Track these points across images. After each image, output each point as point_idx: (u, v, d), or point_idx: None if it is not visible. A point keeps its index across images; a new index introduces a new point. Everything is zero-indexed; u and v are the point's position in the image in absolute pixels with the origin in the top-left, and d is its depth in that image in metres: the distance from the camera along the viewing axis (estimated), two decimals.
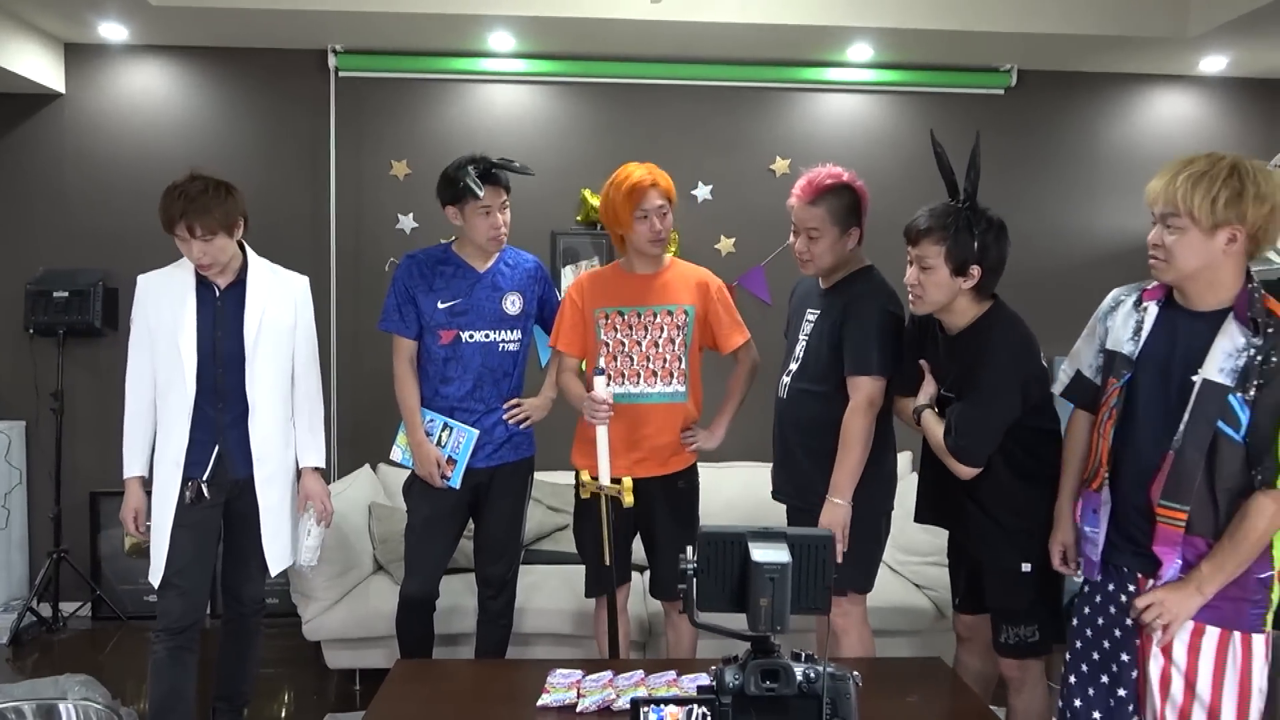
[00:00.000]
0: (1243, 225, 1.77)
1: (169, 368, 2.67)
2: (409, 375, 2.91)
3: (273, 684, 3.61)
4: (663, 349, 2.80)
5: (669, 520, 2.83)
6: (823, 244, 2.57)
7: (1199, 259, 1.81)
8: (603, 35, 4.14)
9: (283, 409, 2.79)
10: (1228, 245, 1.79)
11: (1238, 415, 1.77)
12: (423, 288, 2.87)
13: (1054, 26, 4.05)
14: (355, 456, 4.35)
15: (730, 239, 4.55)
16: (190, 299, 2.69)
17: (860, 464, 2.53)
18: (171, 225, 2.61)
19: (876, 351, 2.51)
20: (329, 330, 4.44)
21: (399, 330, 2.90)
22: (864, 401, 2.51)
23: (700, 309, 2.83)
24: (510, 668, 2.76)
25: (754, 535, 1.47)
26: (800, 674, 1.41)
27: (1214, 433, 1.79)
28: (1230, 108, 4.68)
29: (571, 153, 4.49)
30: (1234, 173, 1.78)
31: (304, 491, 2.83)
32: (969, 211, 2.29)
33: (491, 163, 2.81)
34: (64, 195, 4.39)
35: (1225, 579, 1.84)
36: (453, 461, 2.86)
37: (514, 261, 2.96)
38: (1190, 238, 1.80)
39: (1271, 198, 1.77)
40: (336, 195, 4.44)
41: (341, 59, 4.36)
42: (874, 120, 4.60)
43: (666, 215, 2.77)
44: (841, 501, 2.51)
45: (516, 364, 2.94)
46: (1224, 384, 1.78)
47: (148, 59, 4.39)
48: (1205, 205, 1.77)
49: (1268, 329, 1.77)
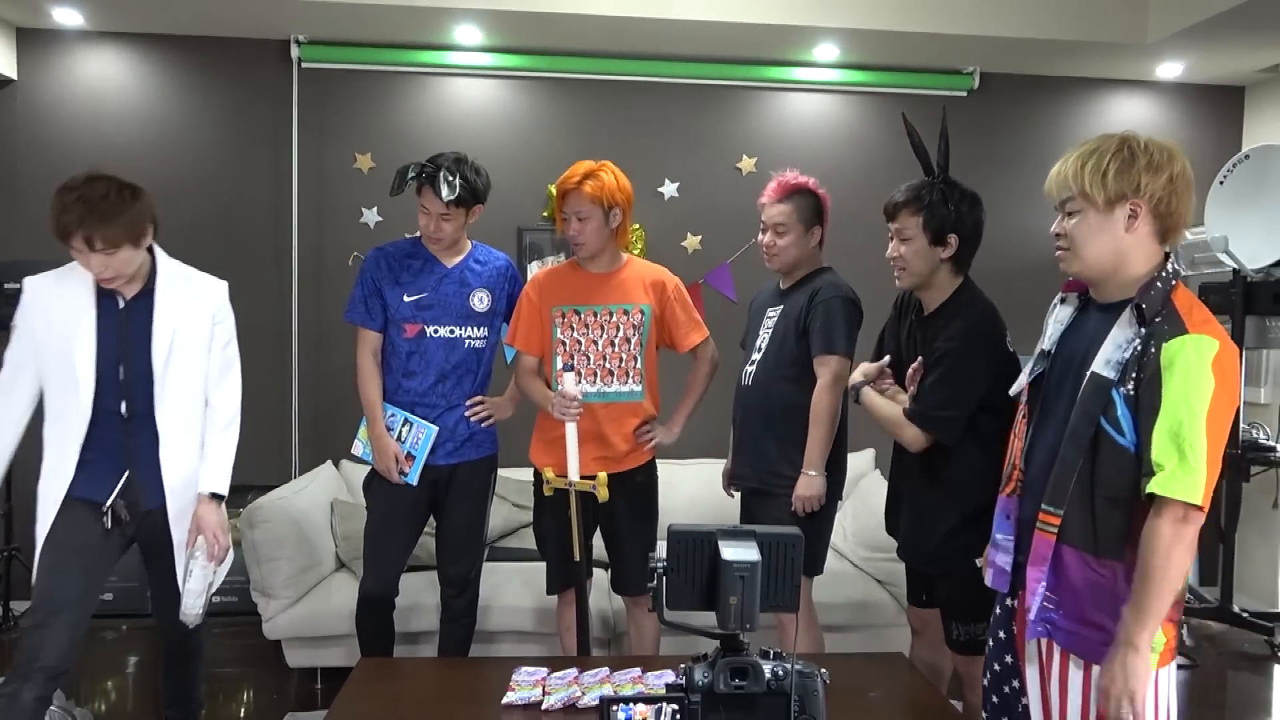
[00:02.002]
0: (1140, 198, 1.65)
1: (61, 388, 2.33)
2: (372, 368, 2.88)
3: (232, 683, 3.55)
4: (619, 348, 2.80)
5: (628, 515, 2.84)
6: (789, 238, 2.76)
7: (1102, 242, 1.68)
8: (570, 30, 4.13)
9: (201, 435, 2.49)
10: (1130, 224, 1.66)
11: (1118, 412, 1.62)
12: (389, 280, 2.84)
13: (1016, 30, 4.11)
14: (317, 453, 4.30)
15: (697, 236, 4.56)
16: (89, 313, 2.35)
17: (830, 438, 2.69)
18: (66, 236, 2.24)
19: (842, 333, 2.68)
20: (291, 326, 4.38)
21: (363, 322, 2.87)
22: (831, 379, 2.68)
23: (657, 308, 2.84)
24: (475, 666, 2.75)
25: (724, 534, 1.47)
26: (769, 671, 1.42)
27: (1096, 431, 1.64)
28: (1186, 112, 4.79)
29: (538, 148, 4.47)
30: (1123, 145, 1.66)
31: (195, 522, 2.44)
32: (943, 184, 2.39)
33: (434, 169, 2.73)
34: (16, 184, 4.28)
35: (1155, 619, 1.59)
36: (411, 457, 2.84)
37: (485, 259, 2.94)
38: (1089, 219, 1.68)
39: (1168, 167, 1.64)
40: (299, 189, 4.37)
41: (305, 50, 4.29)
42: (840, 120, 4.63)
43: (586, 221, 2.73)
44: (816, 474, 2.67)
45: (482, 361, 2.91)
46: (1108, 377, 1.64)
47: (103, 45, 4.29)
48: (1096, 179, 1.65)
49: (1155, 318, 1.62)
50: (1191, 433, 1.55)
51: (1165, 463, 1.56)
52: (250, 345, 4.34)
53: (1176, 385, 1.56)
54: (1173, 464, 1.55)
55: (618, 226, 2.79)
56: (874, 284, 3.05)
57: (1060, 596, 1.71)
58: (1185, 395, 1.56)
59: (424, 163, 2.76)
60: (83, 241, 2.24)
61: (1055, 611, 1.72)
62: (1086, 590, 1.68)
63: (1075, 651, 1.70)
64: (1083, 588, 1.68)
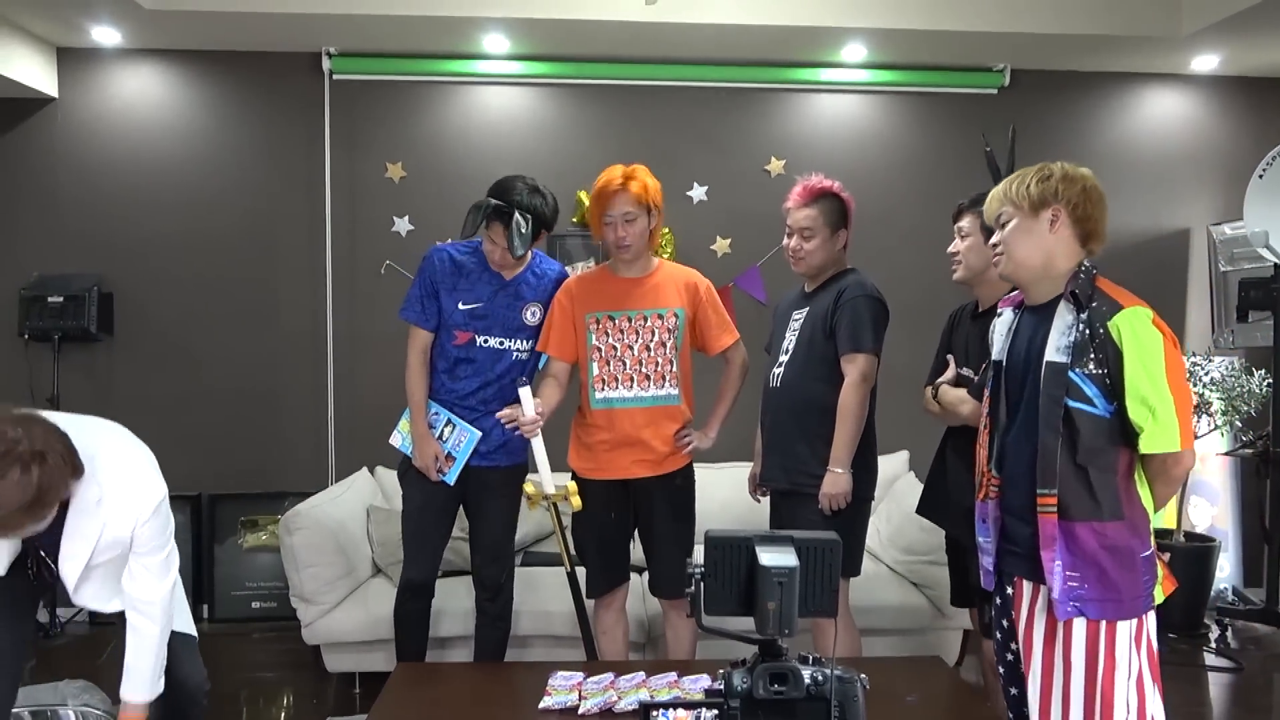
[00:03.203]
0: (1060, 204, 1.92)
1: None
2: (420, 367, 2.90)
3: (272, 688, 3.60)
4: (655, 352, 2.80)
5: (667, 518, 2.85)
6: (815, 242, 2.76)
7: (1031, 244, 1.94)
8: (597, 36, 4.14)
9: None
10: (1053, 226, 1.93)
11: (1083, 390, 1.84)
12: (447, 285, 2.87)
13: (1046, 26, 4.07)
14: (352, 460, 4.34)
15: (726, 239, 4.55)
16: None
17: (857, 435, 2.69)
18: None
19: (870, 331, 2.69)
20: (325, 334, 4.43)
21: (419, 322, 2.89)
22: (859, 377, 2.68)
23: (690, 311, 2.84)
24: (511, 670, 2.77)
25: (761, 539, 1.47)
26: (808, 677, 1.41)
27: (1064, 410, 1.85)
28: (1222, 106, 4.71)
29: (567, 155, 4.48)
30: (1043, 167, 1.98)
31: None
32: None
33: (508, 209, 2.72)
34: (57, 199, 4.37)
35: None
36: (451, 459, 2.87)
37: (540, 271, 2.95)
38: (1019, 224, 1.96)
39: (1081, 180, 1.94)
40: (331, 198, 4.42)
41: (336, 62, 4.35)
42: (868, 120, 4.61)
43: (633, 222, 2.73)
44: (842, 470, 2.67)
45: (524, 371, 2.94)
46: (1062, 361, 1.86)
47: (141, 63, 4.37)
48: (1022, 190, 1.95)
49: (1092, 303, 1.87)
50: (1156, 393, 1.81)
51: (1144, 424, 1.82)
52: (285, 354, 4.49)
53: (1131, 355, 1.81)
54: (1150, 424, 1.82)
55: (653, 228, 2.81)
56: (902, 284, 3.04)
57: (1082, 571, 1.85)
58: (1142, 361, 1.81)
59: (500, 202, 2.73)
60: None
61: (1081, 587, 1.85)
62: (1105, 555, 1.85)
63: (1110, 617, 1.84)
64: (1101, 555, 1.85)
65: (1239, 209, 4.02)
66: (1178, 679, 3.72)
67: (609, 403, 2.80)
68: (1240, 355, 4.37)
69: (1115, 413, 1.85)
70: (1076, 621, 1.85)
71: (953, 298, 2.80)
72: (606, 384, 2.80)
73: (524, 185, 2.76)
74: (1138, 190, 4.65)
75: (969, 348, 2.53)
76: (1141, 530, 1.89)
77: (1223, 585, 4.49)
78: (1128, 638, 1.86)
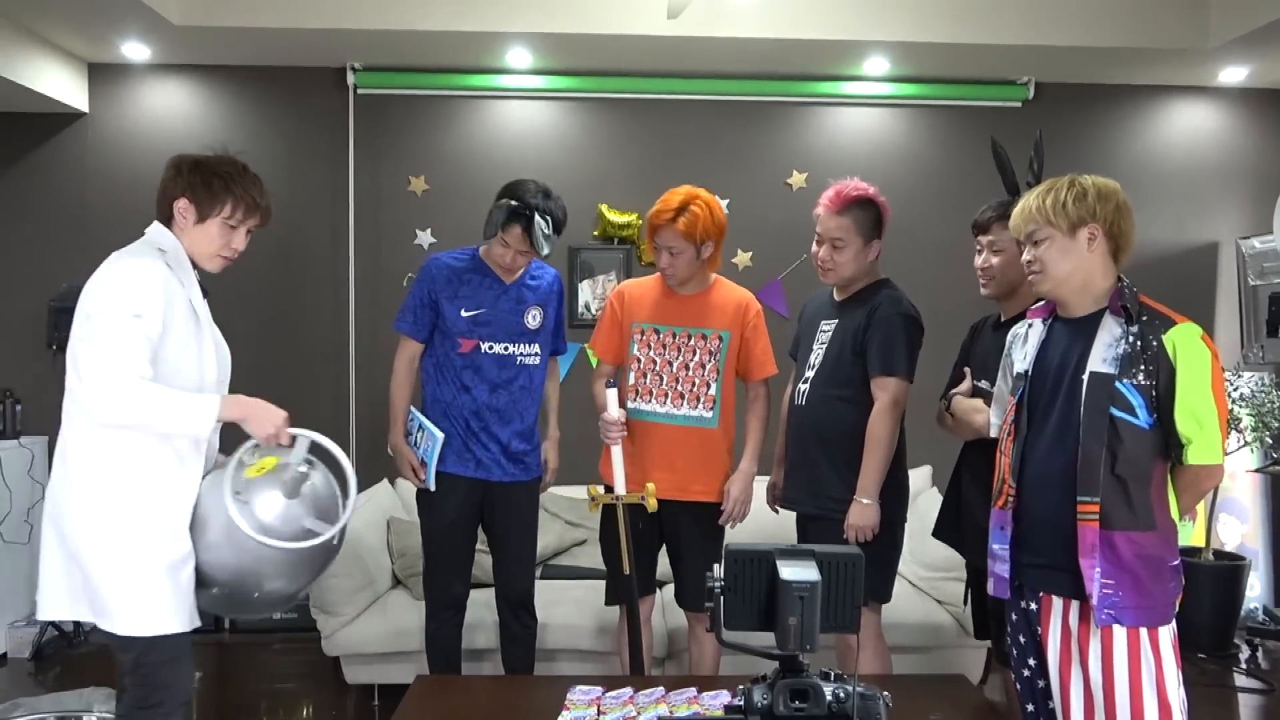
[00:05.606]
0: (1097, 222, 1.94)
1: None
2: (405, 376, 2.94)
3: (291, 700, 3.61)
4: (693, 372, 2.77)
5: (695, 533, 2.80)
6: (846, 254, 2.64)
7: (1069, 261, 1.96)
8: (619, 51, 4.16)
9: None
10: (1090, 244, 1.95)
11: (1129, 399, 1.87)
12: (447, 293, 2.87)
13: (1071, 39, 4.04)
14: (374, 471, 4.35)
15: (748, 253, 4.54)
16: None
17: (886, 464, 2.58)
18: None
19: (904, 354, 2.58)
20: (348, 346, 4.46)
21: (410, 332, 2.92)
22: (890, 402, 2.57)
23: (736, 335, 2.79)
24: (530, 684, 2.75)
25: (782, 553, 1.46)
26: (830, 694, 1.40)
27: (1110, 420, 1.87)
28: (1251, 118, 4.65)
29: (589, 168, 4.50)
30: (1073, 182, 1.98)
31: None
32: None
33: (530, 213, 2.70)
34: (87, 213, 4.43)
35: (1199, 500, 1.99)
36: (424, 464, 2.86)
37: (537, 274, 2.96)
38: (1057, 243, 1.96)
39: (1113, 196, 1.96)
40: (355, 211, 4.46)
41: (360, 76, 4.39)
42: (891, 134, 4.59)
43: (679, 255, 2.69)
44: (870, 501, 2.56)
45: (534, 378, 2.93)
46: (1109, 373, 1.88)
47: (170, 78, 4.43)
48: (1059, 209, 1.95)
49: (1142, 317, 1.90)
50: (1203, 407, 1.86)
51: (1192, 437, 1.87)
52: (308, 365, 4.51)
53: (1184, 369, 1.86)
54: (1197, 437, 1.86)
55: (709, 256, 2.77)
56: (926, 299, 3.00)
57: (1116, 579, 1.87)
58: (1194, 376, 1.86)
59: (521, 205, 2.71)
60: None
61: (1115, 595, 1.86)
62: (1140, 565, 1.87)
63: (1144, 624, 1.86)
64: (1137, 564, 1.87)
65: (1268, 222, 3.97)
66: (1207, 700, 3.64)
67: (639, 414, 2.78)
68: (1270, 371, 4.30)
69: (1155, 425, 1.88)
70: (1116, 631, 1.86)
71: (977, 313, 2.75)
72: (640, 395, 2.79)
73: (536, 187, 2.77)
74: (1165, 203, 4.61)
75: (988, 359, 2.46)
76: (1171, 540, 1.92)
77: (1253, 605, 4.40)
78: (1170, 641, 1.89)
